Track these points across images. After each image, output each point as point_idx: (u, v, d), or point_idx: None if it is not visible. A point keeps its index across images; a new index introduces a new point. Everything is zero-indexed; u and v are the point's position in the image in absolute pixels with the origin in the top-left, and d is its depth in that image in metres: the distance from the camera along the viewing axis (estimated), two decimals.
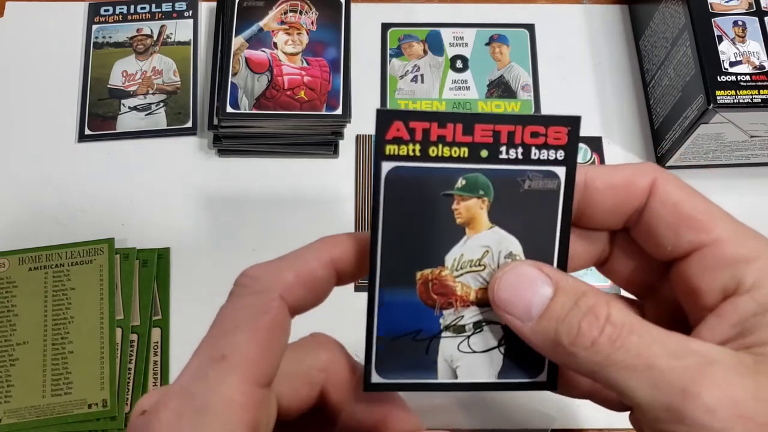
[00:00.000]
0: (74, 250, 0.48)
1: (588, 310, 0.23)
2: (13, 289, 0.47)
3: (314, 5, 0.56)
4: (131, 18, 0.59)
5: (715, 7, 0.51)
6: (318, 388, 0.26)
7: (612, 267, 0.29)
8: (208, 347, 0.23)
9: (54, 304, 0.47)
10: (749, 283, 0.24)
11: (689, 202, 0.25)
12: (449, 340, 0.26)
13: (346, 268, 0.25)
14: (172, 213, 0.53)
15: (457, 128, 0.24)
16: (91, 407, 0.45)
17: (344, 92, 0.53)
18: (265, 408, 0.23)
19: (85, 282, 0.47)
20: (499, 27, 0.61)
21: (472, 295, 0.25)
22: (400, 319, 0.25)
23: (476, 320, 0.26)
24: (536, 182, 0.25)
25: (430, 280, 0.25)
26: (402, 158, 0.24)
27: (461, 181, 0.24)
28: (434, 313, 0.25)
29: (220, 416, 0.21)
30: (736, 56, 0.49)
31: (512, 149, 0.24)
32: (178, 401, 0.22)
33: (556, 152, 0.24)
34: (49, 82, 0.57)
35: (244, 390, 0.22)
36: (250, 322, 0.23)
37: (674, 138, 0.53)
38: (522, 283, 0.24)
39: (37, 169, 0.54)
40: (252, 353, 0.22)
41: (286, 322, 0.24)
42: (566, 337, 0.23)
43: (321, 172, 0.55)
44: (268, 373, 0.23)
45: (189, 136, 0.56)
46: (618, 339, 0.22)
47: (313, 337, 0.27)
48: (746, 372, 0.22)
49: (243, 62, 0.54)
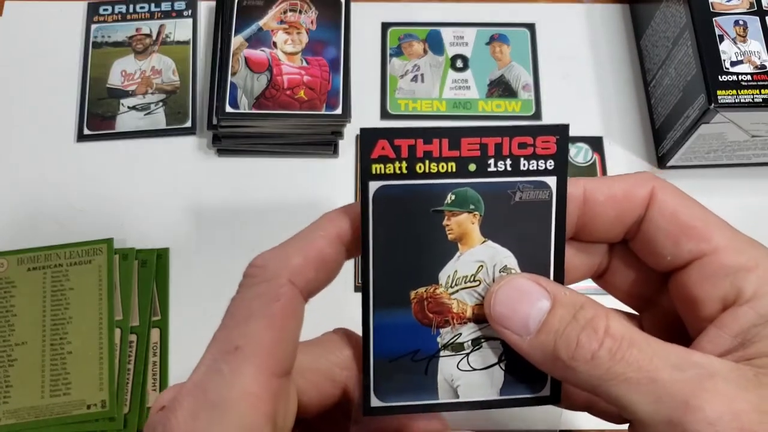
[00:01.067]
0: (73, 250, 0.48)
1: (586, 323, 0.23)
2: (11, 289, 0.47)
3: (314, 4, 0.56)
4: (130, 17, 0.59)
5: (716, 6, 0.50)
6: (341, 386, 0.26)
7: (610, 279, 0.28)
8: (220, 340, 0.23)
9: (53, 304, 0.47)
10: (749, 293, 0.23)
11: (687, 210, 0.25)
12: (448, 358, 0.25)
13: (354, 240, 0.25)
14: (171, 213, 0.53)
15: (443, 143, 0.23)
16: (90, 408, 0.44)
17: (344, 92, 0.53)
18: (283, 399, 0.23)
19: (83, 282, 0.47)
20: (500, 26, 0.61)
21: (469, 312, 0.25)
22: (397, 340, 0.25)
23: (474, 337, 0.25)
24: (527, 193, 0.24)
25: (425, 299, 0.25)
26: (389, 177, 0.23)
27: (450, 197, 0.24)
28: (431, 332, 0.25)
29: (237, 411, 0.21)
30: (737, 56, 0.49)
31: (500, 161, 0.24)
32: (193, 399, 0.21)
33: (546, 162, 0.24)
34: (48, 82, 0.57)
35: (261, 381, 0.21)
36: (262, 310, 0.23)
37: (675, 138, 0.52)
38: (518, 297, 0.24)
39: (36, 169, 0.54)
40: (266, 342, 0.22)
41: (298, 308, 0.24)
42: (565, 351, 0.23)
43: (321, 172, 0.55)
44: (284, 361, 0.23)
45: (188, 136, 0.56)
46: (618, 351, 0.22)
47: (336, 332, 0.27)
48: (748, 385, 0.22)
49: (242, 62, 0.54)
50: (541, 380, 0.25)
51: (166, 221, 0.52)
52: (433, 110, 0.57)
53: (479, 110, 0.57)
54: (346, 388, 0.26)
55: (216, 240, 0.52)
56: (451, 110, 0.57)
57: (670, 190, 0.25)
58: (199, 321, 0.47)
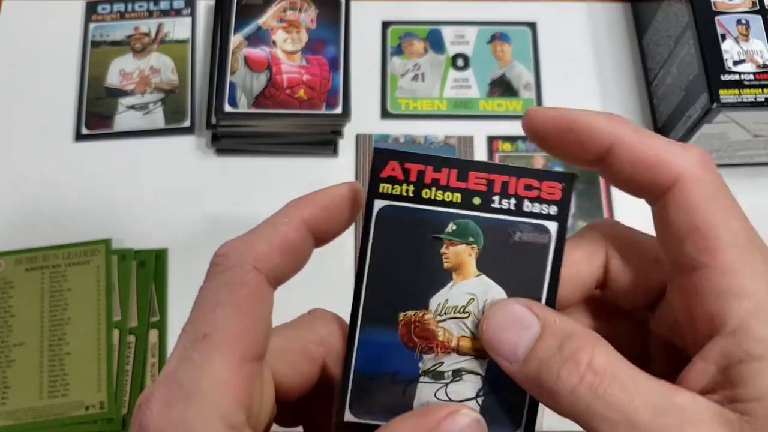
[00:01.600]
0: (71, 250, 0.48)
1: (570, 355, 0.22)
2: (9, 289, 0.47)
3: (314, 3, 0.56)
4: (129, 16, 0.59)
5: (718, 5, 0.50)
6: (319, 364, 0.26)
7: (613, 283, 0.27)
8: (189, 329, 0.23)
9: (51, 305, 0.46)
10: (736, 323, 0.22)
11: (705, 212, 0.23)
12: (427, 385, 0.25)
13: (320, 227, 0.25)
14: (170, 213, 0.53)
15: (451, 174, 0.24)
16: (88, 409, 0.44)
17: (344, 91, 0.53)
18: (257, 383, 0.23)
19: (81, 283, 0.47)
20: (501, 25, 0.60)
21: (454, 342, 0.25)
22: (380, 358, 0.25)
23: (456, 368, 0.25)
24: (527, 235, 0.25)
25: (413, 323, 0.25)
26: (395, 197, 0.24)
27: (452, 226, 0.24)
28: (414, 356, 0.25)
29: (209, 398, 0.21)
30: (739, 55, 0.48)
31: (505, 199, 0.24)
32: (166, 389, 0.21)
33: (549, 207, 0.24)
34: (46, 81, 0.57)
35: (231, 367, 0.22)
36: (228, 298, 0.23)
37: (677, 137, 0.52)
38: (509, 323, 0.24)
39: (34, 169, 0.54)
40: (234, 328, 0.22)
41: (265, 293, 0.24)
42: (547, 383, 0.22)
43: (321, 172, 0.55)
44: (255, 346, 0.23)
45: (187, 135, 0.55)
46: (599, 387, 0.22)
47: (310, 313, 0.27)
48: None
49: (242, 60, 0.53)
50: (516, 421, 0.25)
51: (164, 221, 0.52)
52: (434, 109, 0.57)
53: (480, 109, 0.57)
54: (326, 366, 0.26)
55: (215, 239, 0.52)
56: (452, 109, 0.57)
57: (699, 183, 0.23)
58: None
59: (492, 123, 0.57)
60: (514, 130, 0.56)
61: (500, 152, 0.55)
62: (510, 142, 0.56)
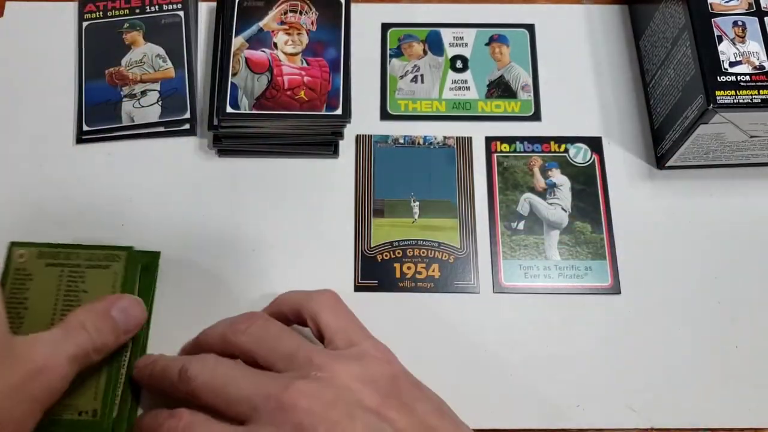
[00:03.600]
0: (93, 253, 0.48)
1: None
2: (27, 281, 0.47)
3: (314, 5, 0.56)
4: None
5: (714, 7, 0.51)
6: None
7: None
8: None
9: (64, 303, 0.46)
10: None
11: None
12: (127, 102, 0.53)
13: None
14: (171, 213, 0.53)
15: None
16: (81, 415, 0.44)
17: (344, 92, 0.53)
18: None
19: (98, 286, 0.47)
20: (499, 27, 0.61)
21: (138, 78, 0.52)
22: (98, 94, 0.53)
23: (141, 90, 0.53)
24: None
25: (113, 73, 0.53)
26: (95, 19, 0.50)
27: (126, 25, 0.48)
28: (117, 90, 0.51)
29: None
30: (736, 56, 0.49)
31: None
32: None
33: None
34: (47, 82, 0.57)
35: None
36: None
37: (674, 138, 0.53)
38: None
39: (34, 169, 0.54)
40: None
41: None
42: None
43: (321, 172, 0.55)
44: None
45: (188, 137, 0.56)
46: None
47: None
48: None
49: (243, 62, 0.54)
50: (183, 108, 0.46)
51: (166, 221, 0.53)
52: (433, 111, 0.57)
53: (479, 110, 0.57)
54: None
55: (215, 239, 0.52)
56: (451, 110, 0.57)
57: None
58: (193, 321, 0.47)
59: (490, 124, 0.57)
60: (512, 131, 0.57)
61: (498, 153, 0.56)
62: (508, 143, 0.56)
